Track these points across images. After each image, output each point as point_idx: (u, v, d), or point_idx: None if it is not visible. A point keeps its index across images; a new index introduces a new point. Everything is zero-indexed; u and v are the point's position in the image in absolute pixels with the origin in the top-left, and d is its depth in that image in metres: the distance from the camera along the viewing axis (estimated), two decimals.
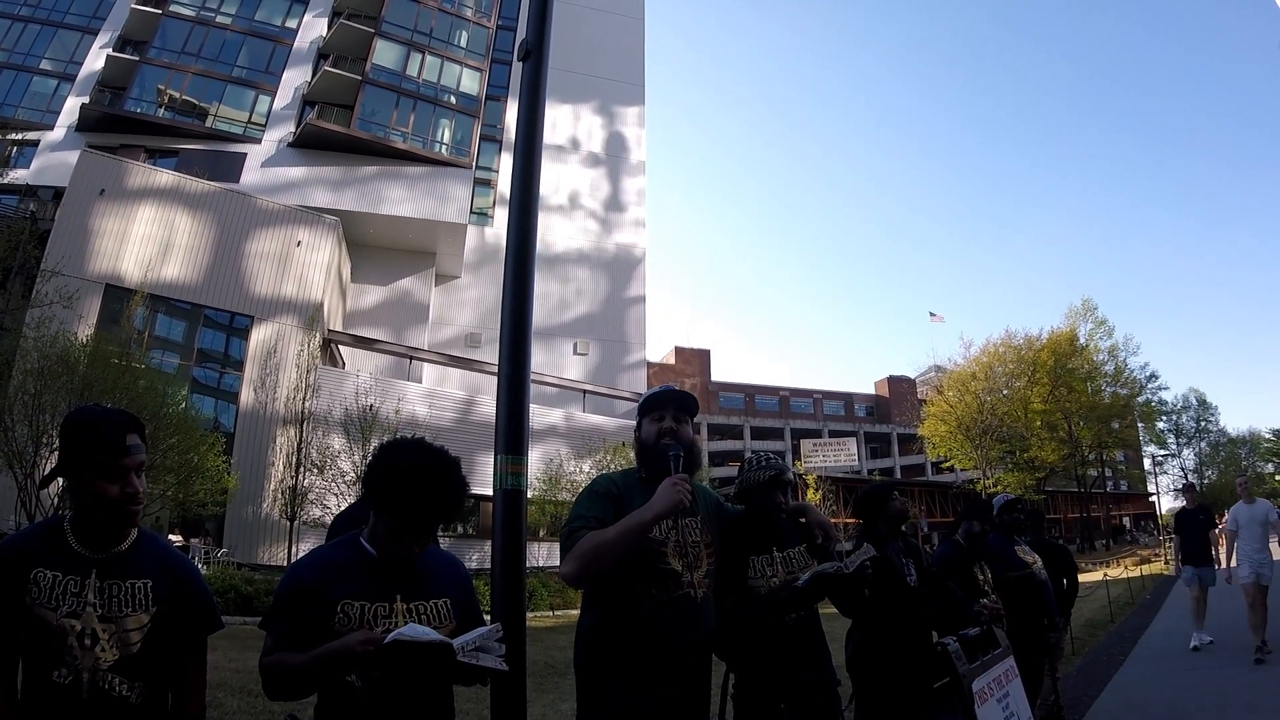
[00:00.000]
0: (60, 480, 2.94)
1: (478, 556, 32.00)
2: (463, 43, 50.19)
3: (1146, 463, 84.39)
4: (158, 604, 2.91)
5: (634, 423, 4.11)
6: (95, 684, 2.75)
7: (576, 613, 3.98)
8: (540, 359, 43.09)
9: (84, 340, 25.78)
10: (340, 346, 41.27)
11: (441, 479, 2.96)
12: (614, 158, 57.13)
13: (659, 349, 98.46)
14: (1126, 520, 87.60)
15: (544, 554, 34.12)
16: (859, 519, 6.64)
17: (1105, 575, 26.00)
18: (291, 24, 49.22)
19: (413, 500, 2.92)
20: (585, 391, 45.26)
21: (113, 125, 43.60)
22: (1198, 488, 16.46)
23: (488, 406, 37.10)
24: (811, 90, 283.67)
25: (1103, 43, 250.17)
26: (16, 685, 2.76)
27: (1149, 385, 69.09)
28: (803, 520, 4.44)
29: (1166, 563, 42.17)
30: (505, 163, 51.19)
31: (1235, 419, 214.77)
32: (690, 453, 3.84)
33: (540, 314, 44.20)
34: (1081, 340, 64.37)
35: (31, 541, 2.86)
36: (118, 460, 2.80)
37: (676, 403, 4.00)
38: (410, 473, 2.92)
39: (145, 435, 2.98)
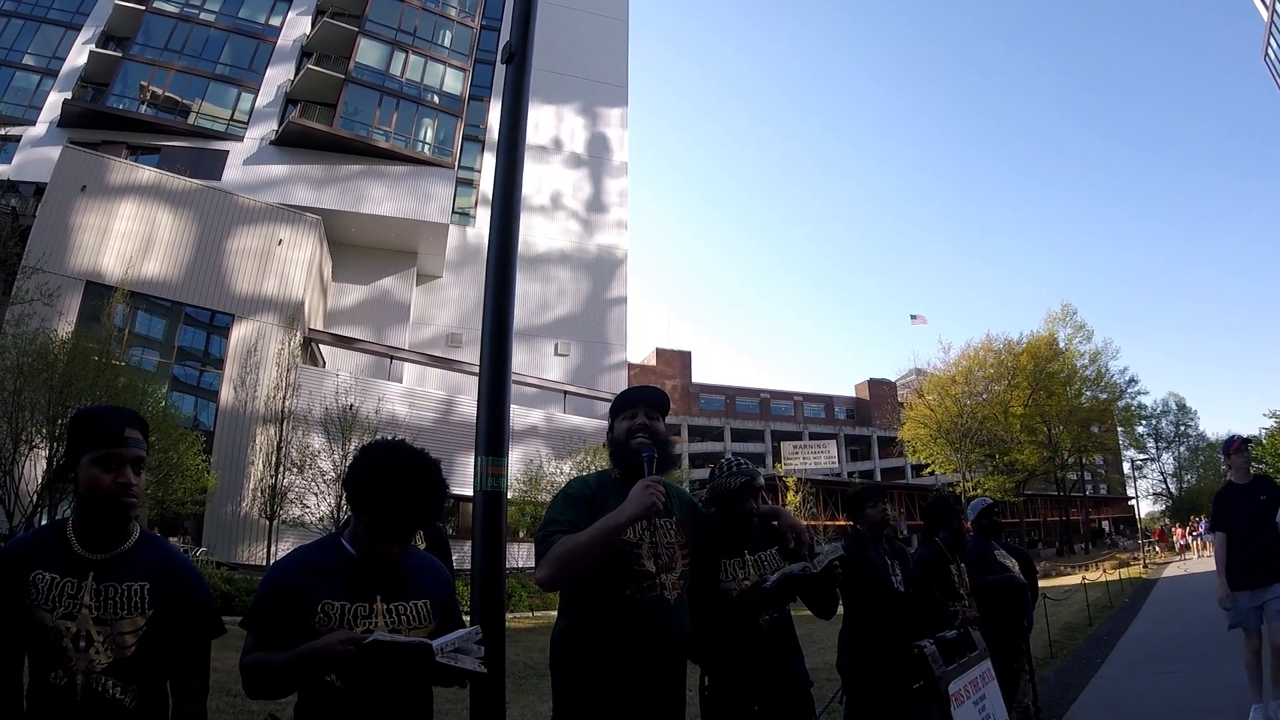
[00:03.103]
0: (40, 477, 2.97)
1: (457, 557, 31.75)
2: (446, 42, 50.19)
3: (1126, 467, 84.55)
4: (154, 607, 2.92)
5: None
6: (89, 686, 2.75)
7: (555, 614, 3.98)
8: (521, 359, 43.07)
9: (64, 337, 25.71)
10: (321, 345, 41.20)
11: (421, 481, 2.97)
12: (596, 159, 57.20)
13: (640, 350, 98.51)
14: (1106, 524, 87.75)
15: (523, 555, 34.13)
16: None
17: (1084, 579, 26.01)
18: (275, 22, 49.11)
19: (392, 502, 2.92)
20: (566, 392, 45.30)
21: (95, 121, 43.46)
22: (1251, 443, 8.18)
23: (468, 407, 37.10)
24: (794, 93, 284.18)
25: (1084, 49, 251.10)
26: (21, 686, 2.80)
27: (1128, 389, 69.46)
28: (775, 524, 4.47)
29: (1145, 567, 42.25)
30: (488, 162, 51.42)
31: (1214, 423, 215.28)
32: (664, 451, 3.85)
33: (521, 314, 44.20)
34: (1061, 344, 64.58)
35: (33, 544, 2.89)
36: (114, 449, 2.83)
37: (648, 400, 4.02)
38: (390, 474, 2.93)
39: (148, 434, 3.01)
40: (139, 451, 2.91)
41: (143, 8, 46.30)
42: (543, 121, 54.36)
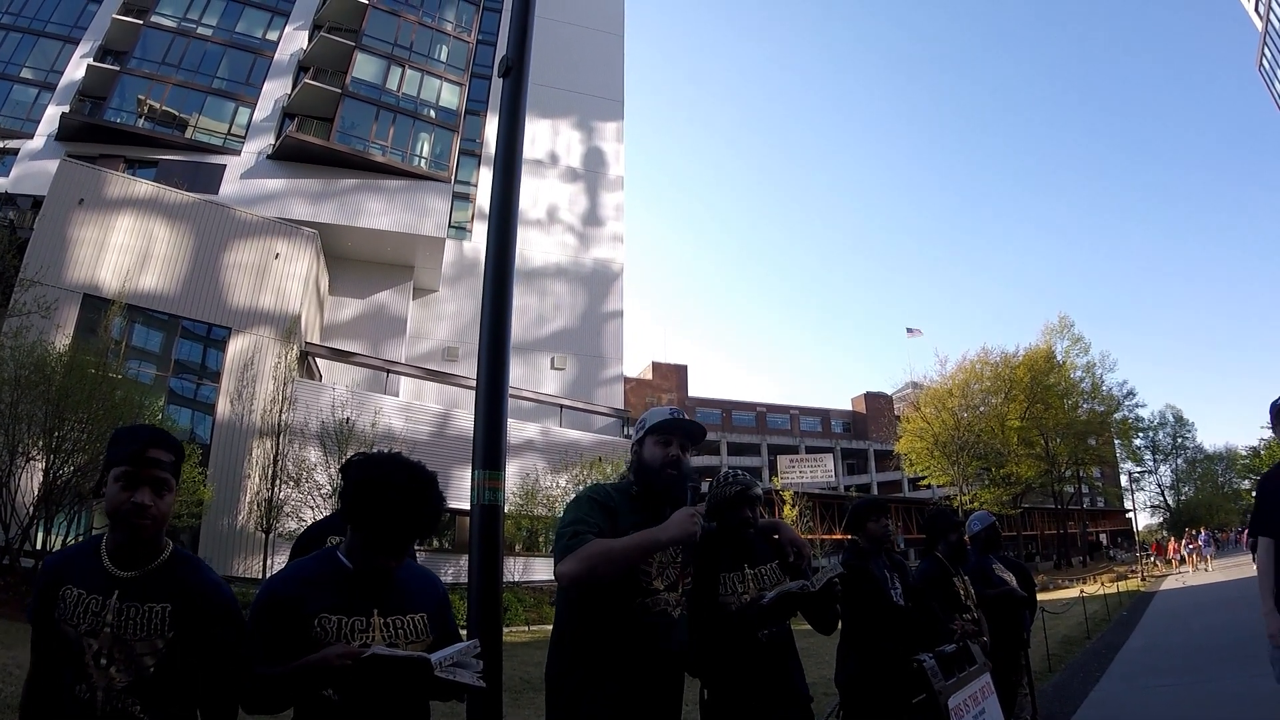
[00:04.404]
0: (36, 490, 2.98)
1: (453, 571, 31.90)
2: (443, 57, 50.20)
3: (1123, 479, 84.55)
4: (175, 629, 2.89)
5: (611, 437, 4.16)
6: (110, 704, 2.76)
7: (551, 628, 3.99)
8: (517, 373, 42.96)
9: (61, 350, 25.70)
10: (317, 359, 41.13)
11: (417, 496, 2.95)
12: (592, 173, 57.26)
13: (636, 364, 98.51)
14: (1103, 537, 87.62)
15: (520, 569, 34.09)
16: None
17: (1082, 592, 26.03)
18: (272, 36, 49.16)
19: (387, 516, 2.90)
20: (562, 406, 45.18)
21: (92, 135, 43.44)
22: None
23: (464, 420, 37.06)
24: (790, 108, 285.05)
25: (1079, 60, 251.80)
26: (56, 692, 2.82)
27: (1126, 402, 69.39)
28: (776, 537, 4.47)
29: (1144, 580, 42.17)
30: (484, 177, 51.45)
31: (1212, 435, 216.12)
32: (697, 485, 3.90)
33: (517, 328, 43.98)
34: (1058, 357, 64.45)
35: (68, 559, 2.93)
36: (134, 468, 2.82)
37: (685, 432, 4.04)
38: (385, 488, 2.90)
39: (181, 458, 3.02)
40: (160, 473, 2.88)
41: (140, 22, 46.36)
42: (538, 136, 54.41)
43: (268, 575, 30.43)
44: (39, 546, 23.85)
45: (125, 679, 2.78)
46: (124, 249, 34.11)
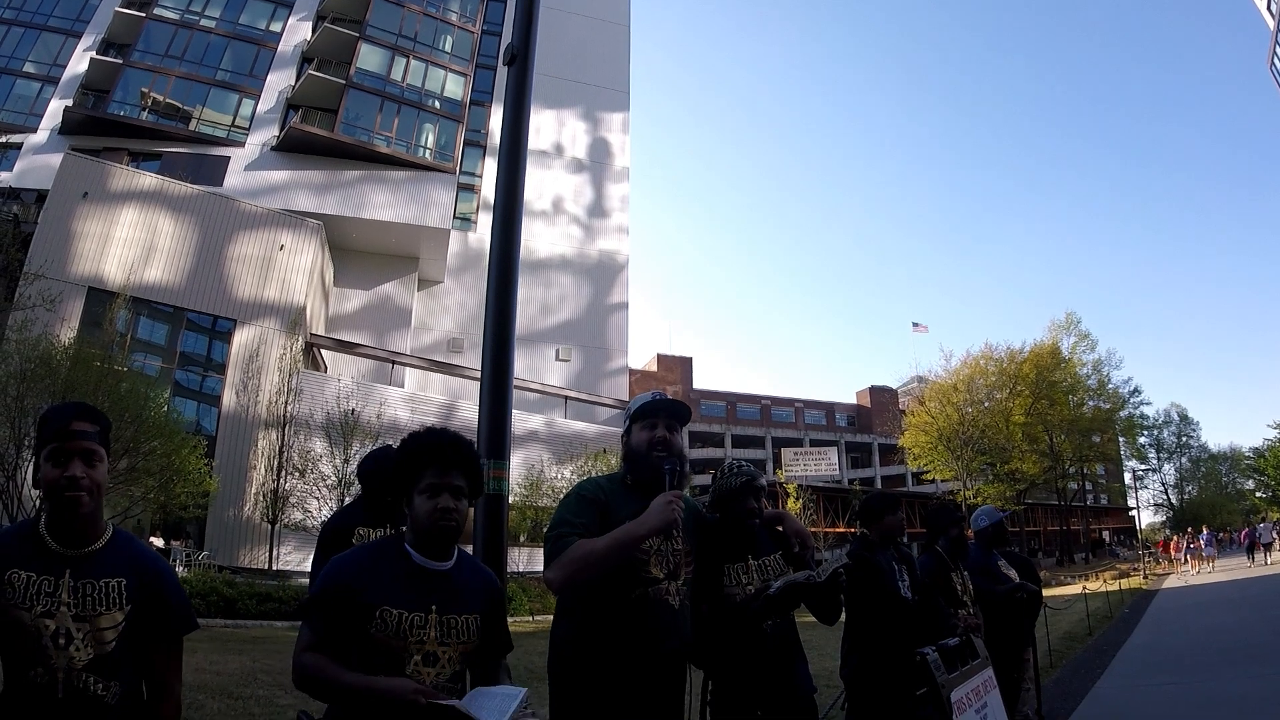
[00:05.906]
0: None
1: None
2: (447, 47, 50.24)
3: (1127, 477, 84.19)
4: (131, 602, 2.91)
5: (616, 429, 4.13)
6: (71, 683, 2.74)
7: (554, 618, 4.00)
8: (522, 364, 42.97)
9: (66, 343, 25.79)
10: (322, 350, 41.23)
11: (460, 439, 3.16)
12: (598, 164, 57.26)
13: (641, 356, 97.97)
14: (1106, 534, 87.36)
15: (524, 559, 34.10)
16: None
17: (1084, 589, 26.01)
18: (275, 27, 49.18)
19: (441, 452, 3.06)
20: (567, 397, 45.33)
21: (96, 128, 43.51)
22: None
23: (469, 411, 37.10)
24: (795, 102, 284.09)
25: (1086, 60, 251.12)
26: None
27: (1131, 400, 68.99)
28: (780, 528, 4.46)
29: (1146, 577, 42.15)
30: (489, 168, 51.34)
31: (1216, 435, 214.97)
32: (682, 466, 3.86)
33: (522, 320, 44.03)
34: (1064, 353, 64.22)
35: (5, 543, 2.87)
36: (61, 444, 2.83)
37: (669, 411, 4.00)
38: (432, 435, 3.13)
39: (106, 429, 3.01)
40: (87, 444, 2.88)
41: (143, 15, 46.43)
42: (544, 126, 54.39)
43: (273, 565, 30.79)
44: None
45: (86, 656, 2.78)
46: (128, 242, 34.22)
